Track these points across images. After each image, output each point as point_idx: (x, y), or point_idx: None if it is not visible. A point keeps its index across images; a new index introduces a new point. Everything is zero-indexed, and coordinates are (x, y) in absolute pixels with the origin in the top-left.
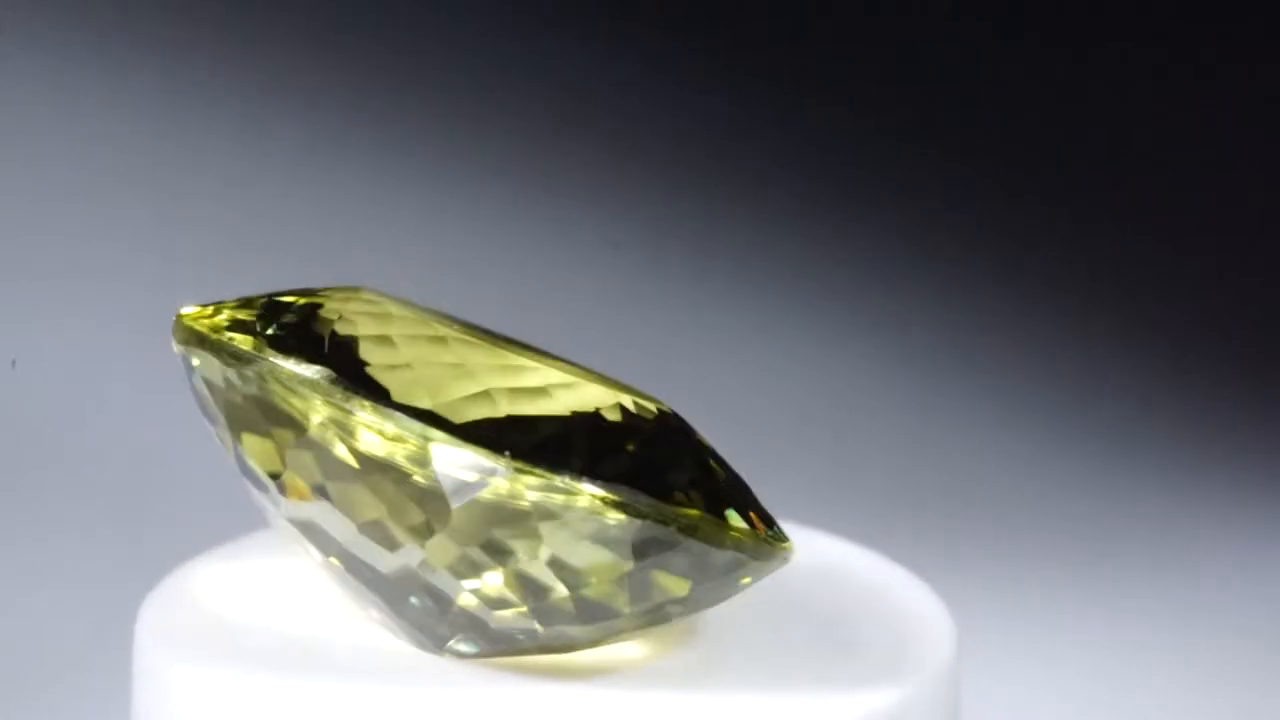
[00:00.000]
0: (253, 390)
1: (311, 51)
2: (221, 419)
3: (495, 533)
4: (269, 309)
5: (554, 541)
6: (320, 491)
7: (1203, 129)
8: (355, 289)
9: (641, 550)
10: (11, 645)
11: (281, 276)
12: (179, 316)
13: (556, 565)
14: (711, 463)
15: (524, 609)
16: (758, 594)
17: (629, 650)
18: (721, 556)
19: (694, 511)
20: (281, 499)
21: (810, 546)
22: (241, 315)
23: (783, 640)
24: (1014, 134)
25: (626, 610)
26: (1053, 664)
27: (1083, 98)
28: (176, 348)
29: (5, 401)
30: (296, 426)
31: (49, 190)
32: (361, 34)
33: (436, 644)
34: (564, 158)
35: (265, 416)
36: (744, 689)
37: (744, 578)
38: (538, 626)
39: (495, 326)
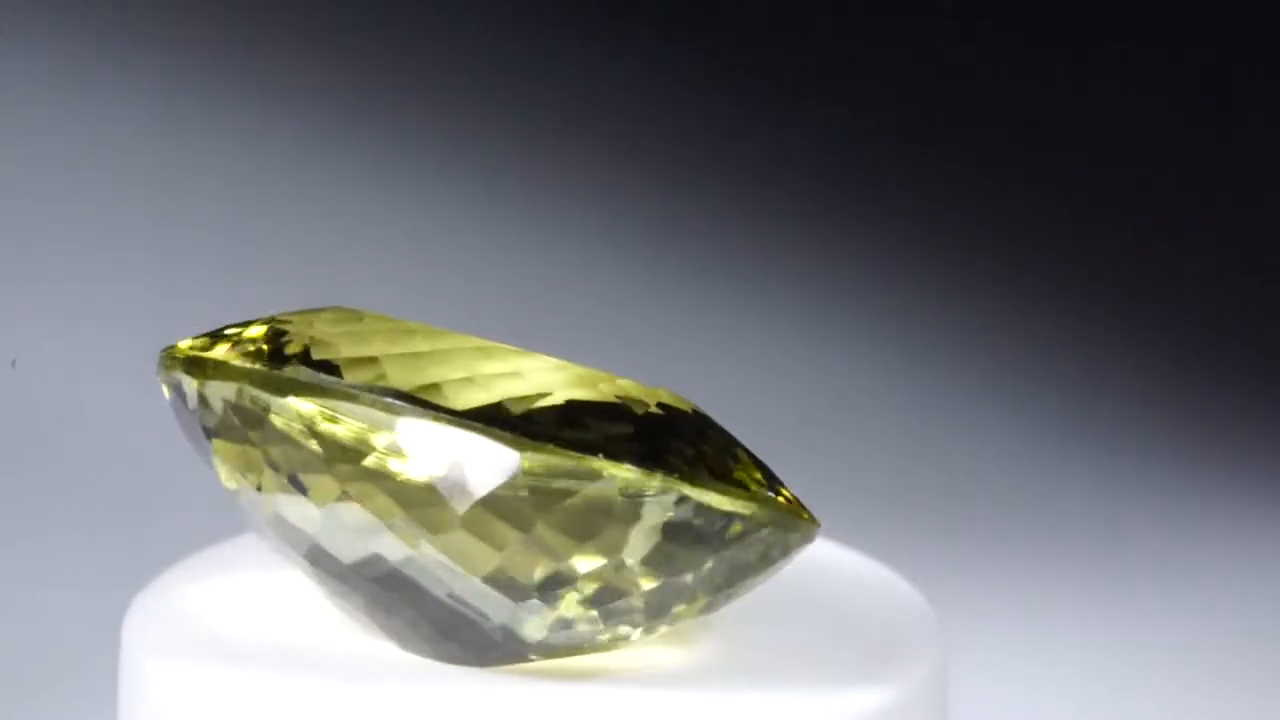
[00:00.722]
0: (291, 419)
1: (311, 51)
2: (248, 444)
3: (582, 534)
4: (282, 333)
5: (641, 537)
6: (354, 507)
7: (1203, 129)
8: (342, 308)
9: (724, 540)
10: (11, 645)
11: (282, 276)
12: (183, 350)
13: (642, 562)
14: (746, 451)
15: (597, 610)
16: (751, 595)
17: (623, 651)
18: (789, 540)
19: (772, 499)
20: (311, 518)
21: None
22: (255, 341)
23: (774, 642)
24: (1014, 134)
25: (695, 602)
26: (1053, 664)
27: (1083, 98)
28: (181, 377)
29: (5, 401)
30: (349, 451)
31: (49, 191)
32: (361, 34)
33: (486, 655)
34: (564, 158)
35: (314, 445)
36: (736, 689)
37: (791, 559)
38: (604, 626)
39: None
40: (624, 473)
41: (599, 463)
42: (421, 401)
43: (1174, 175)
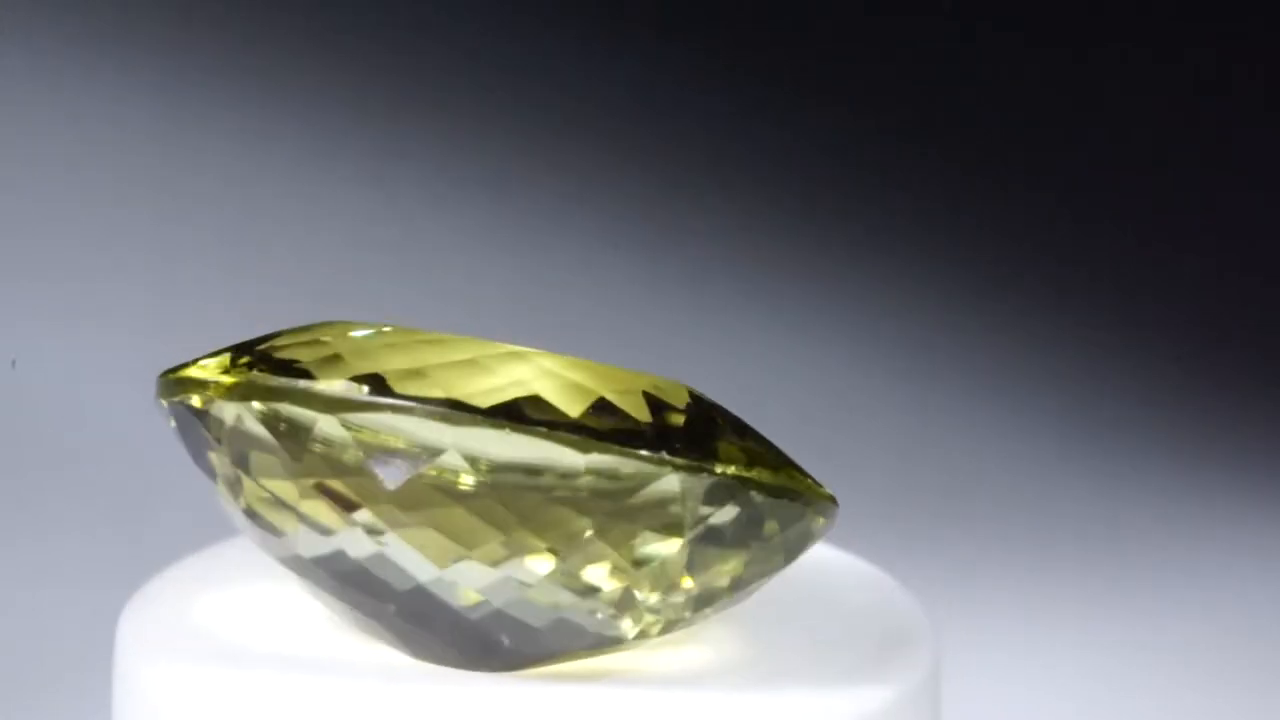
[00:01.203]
0: (340, 436)
1: (311, 51)
2: (284, 462)
3: (635, 534)
4: (311, 349)
5: (694, 532)
6: (403, 527)
7: (1203, 129)
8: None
9: (767, 530)
10: (10, 645)
11: (281, 277)
12: (209, 369)
13: (692, 557)
14: (760, 435)
15: (645, 607)
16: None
17: (621, 652)
18: (820, 525)
19: (813, 485)
20: (345, 543)
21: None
22: (287, 359)
23: (768, 643)
24: (1014, 134)
25: (729, 596)
26: (1052, 664)
27: (1083, 98)
28: (205, 397)
29: (5, 401)
30: (392, 466)
31: (49, 190)
32: (361, 34)
33: (515, 660)
34: (564, 158)
35: (362, 462)
36: (730, 690)
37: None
38: (645, 623)
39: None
40: (688, 470)
41: (664, 459)
42: (474, 409)
43: (1174, 175)
